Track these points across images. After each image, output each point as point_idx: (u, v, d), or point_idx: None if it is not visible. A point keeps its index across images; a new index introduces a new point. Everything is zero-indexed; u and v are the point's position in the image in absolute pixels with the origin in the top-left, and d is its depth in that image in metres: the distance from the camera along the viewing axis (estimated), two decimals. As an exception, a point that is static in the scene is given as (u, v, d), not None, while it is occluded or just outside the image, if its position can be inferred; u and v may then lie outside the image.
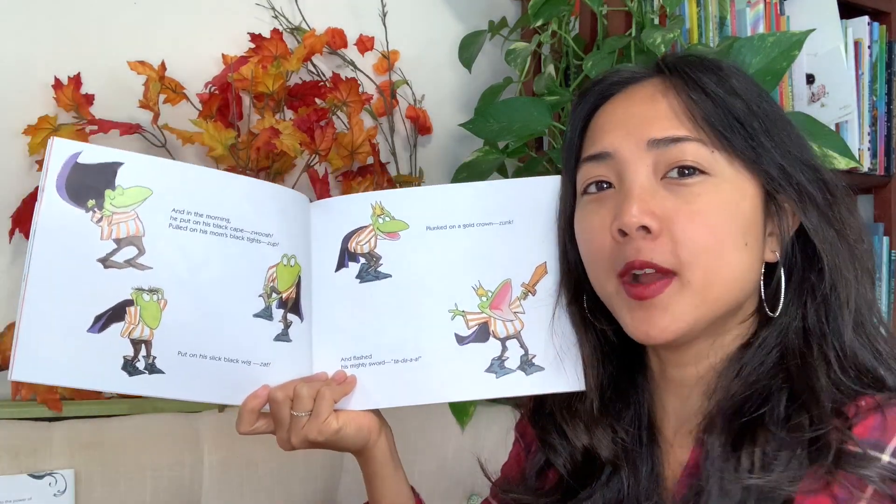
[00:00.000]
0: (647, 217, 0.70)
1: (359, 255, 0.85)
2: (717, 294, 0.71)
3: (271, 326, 0.82)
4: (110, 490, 1.18)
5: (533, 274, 0.84)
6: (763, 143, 0.71)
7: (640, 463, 0.77)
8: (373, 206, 0.85)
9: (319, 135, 1.35)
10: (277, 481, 1.28)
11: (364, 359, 0.84)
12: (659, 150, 0.71)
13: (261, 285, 0.82)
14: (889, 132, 1.79)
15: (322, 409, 0.80)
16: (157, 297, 0.78)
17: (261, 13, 1.48)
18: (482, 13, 1.67)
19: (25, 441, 1.16)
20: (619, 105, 0.76)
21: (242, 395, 0.82)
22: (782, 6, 1.66)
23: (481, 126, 1.43)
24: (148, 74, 1.29)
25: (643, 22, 1.38)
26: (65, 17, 1.33)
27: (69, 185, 0.76)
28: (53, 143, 0.76)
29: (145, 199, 0.79)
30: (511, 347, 0.83)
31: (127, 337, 0.77)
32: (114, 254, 0.77)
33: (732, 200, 0.71)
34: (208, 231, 0.80)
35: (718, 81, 0.73)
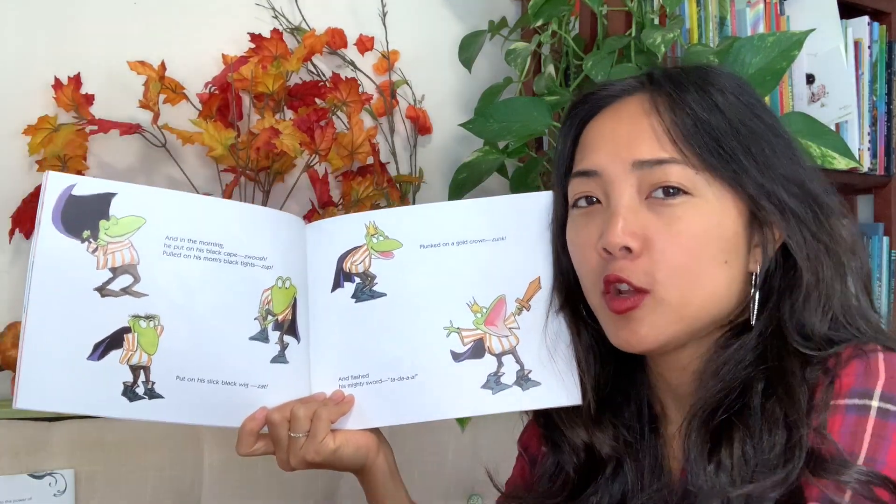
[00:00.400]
0: (629, 238, 0.72)
1: (354, 274, 0.86)
2: (694, 311, 0.73)
3: (268, 349, 0.83)
4: (110, 490, 1.18)
5: (527, 289, 0.85)
6: (742, 163, 0.72)
7: (643, 456, 0.79)
8: (366, 226, 0.86)
9: (319, 135, 1.35)
10: (277, 481, 1.28)
11: (361, 378, 0.85)
12: (643, 171, 0.73)
13: (256, 308, 0.83)
14: (889, 132, 1.79)
15: (319, 430, 0.81)
16: (153, 323, 0.80)
17: (261, 13, 1.48)
18: (482, 13, 1.67)
19: (25, 441, 1.16)
20: (606, 122, 0.78)
21: (241, 418, 0.83)
22: (782, 6, 1.66)
23: (481, 126, 1.43)
24: (148, 74, 1.29)
25: (643, 22, 1.38)
26: (65, 17, 1.33)
27: (65, 216, 0.78)
28: (48, 177, 0.78)
29: (139, 228, 0.80)
30: (507, 363, 0.84)
31: (126, 363, 0.79)
32: (110, 282, 0.79)
33: (714, 221, 0.73)
34: (202, 257, 0.81)
35: (701, 98, 0.74)
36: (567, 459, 0.81)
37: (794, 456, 0.65)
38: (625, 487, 0.78)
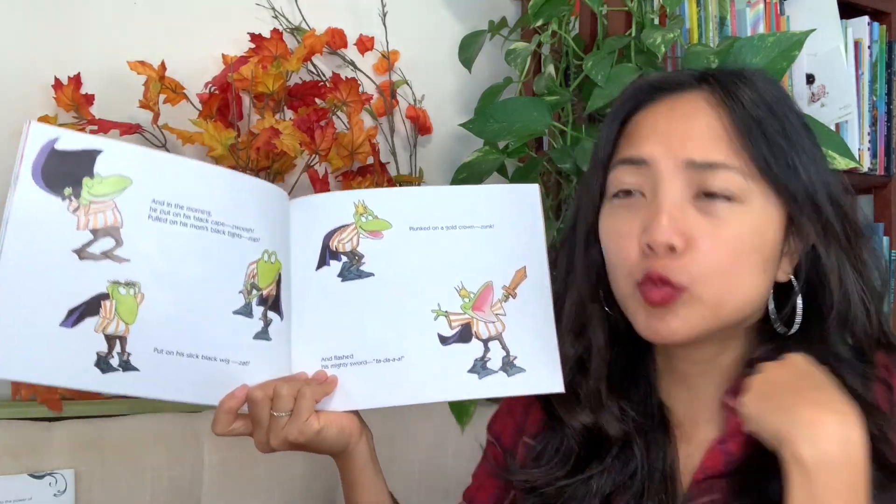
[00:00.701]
0: (675, 236, 0.72)
1: (341, 253, 0.84)
2: (728, 312, 0.74)
3: (251, 324, 0.80)
4: (110, 490, 1.18)
5: (513, 277, 0.85)
6: (797, 170, 0.73)
7: (651, 437, 0.79)
8: (356, 204, 0.85)
9: (319, 135, 1.35)
10: (277, 481, 1.28)
11: (345, 359, 0.83)
12: (695, 172, 0.73)
13: (241, 281, 0.80)
14: (889, 132, 1.79)
15: (303, 409, 0.79)
16: (133, 290, 0.75)
17: (261, 13, 1.48)
18: (482, 13, 1.67)
19: (25, 441, 1.16)
20: (661, 114, 0.77)
21: (219, 395, 0.79)
22: (782, 6, 1.66)
23: (481, 126, 1.43)
24: (148, 74, 1.29)
25: (643, 22, 1.38)
26: (65, 17, 1.33)
27: (45, 171, 0.73)
28: (30, 128, 0.73)
29: (124, 189, 0.76)
30: (493, 348, 0.83)
31: (101, 332, 0.74)
32: (90, 244, 0.74)
33: (759, 230, 0.73)
34: (188, 224, 0.78)
35: (757, 100, 0.74)
36: (572, 437, 0.82)
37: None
38: (633, 466, 0.78)
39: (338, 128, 1.44)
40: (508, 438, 0.90)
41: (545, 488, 0.81)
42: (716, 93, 0.76)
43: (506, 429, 0.90)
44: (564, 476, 0.80)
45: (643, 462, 0.78)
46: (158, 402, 1.31)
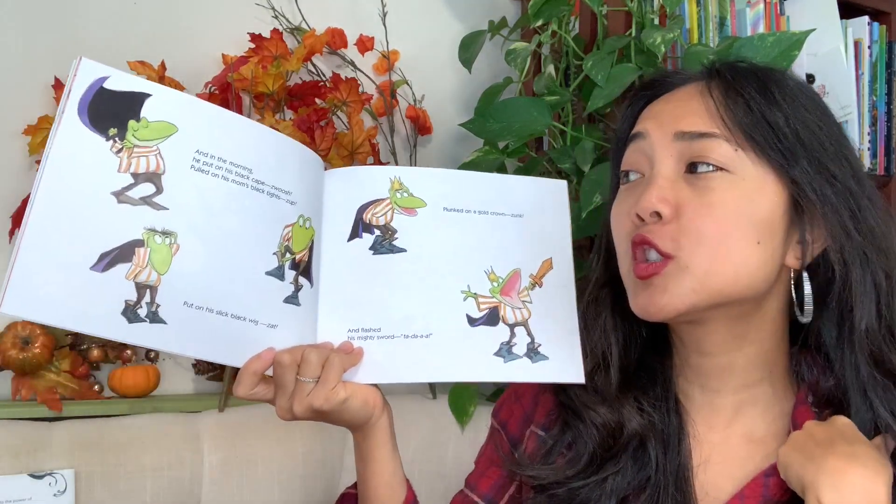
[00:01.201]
0: (660, 203, 0.73)
1: (374, 226, 0.83)
2: (718, 283, 0.73)
3: (282, 287, 0.79)
4: (110, 490, 1.18)
5: (540, 267, 0.86)
6: (795, 153, 0.74)
7: (667, 437, 0.79)
8: (391, 179, 0.85)
9: (319, 135, 1.35)
10: (277, 481, 1.28)
11: (373, 332, 0.82)
12: (684, 143, 0.75)
13: (276, 243, 0.78)
14: (889, 132, 1.79)
15: (331, 377, 0.77)
16: (169, 240, 0.73)
17: (261, 13, 1.48)
18: (482, 13, 1.67)
19: (25, 441, 1.16)
20: (662, 100, 0.80)
21: (245, 356, 0.77)
22: (782, 6, 1.66)
23: (481, 126, 1.43)
24: (148, 74, 1.29)
25: (643, 22, 1.38)
26: (65, 17, 1.33)
27: (92, 109, 0.71)
28: (80, 63, 0.72)
29: (170, 136, 0.74)
30: (519, 334, 0.83)
31: (132, 280, 0.71)
32: (129, 188, 0.72)
33: (748, 197, 0.73)
34: (230, 179, 0.76)
35: (760, 89, 0.76)
36: (587, 433, 0.81)
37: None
38: (649, 466, 0.78)
39: (338, 128, 1.44)
40: (516, 426, 0.89)
41: (556, 488, 0.80)
42: (717, 80, 0.77)
43: (513, 416, 0.90)
44: (576, 476, 0.80)
45: (658, 463, 0.78)
46: (158, 402, 1.32)
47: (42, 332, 1.27)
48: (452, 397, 1.43)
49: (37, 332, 1.27)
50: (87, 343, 1.34)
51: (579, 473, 0.80)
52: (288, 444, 1.29)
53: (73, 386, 1.30)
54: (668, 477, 0.77)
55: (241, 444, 1.27)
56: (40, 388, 1.27)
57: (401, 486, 0.86)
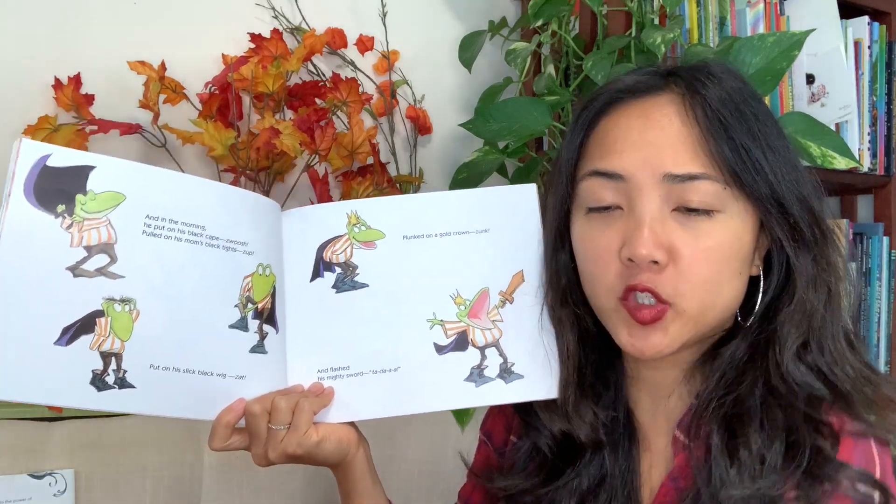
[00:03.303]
0: (657, 250, 0.71)
1: (334, 264, 0.84)
2: (709, 319, 0.75)
3: (247, 338, 0.80)
4: (110, 490, 1.18)
5: (510, 282, 0.85)
6: (764, 173, 0.73)
7: (618, 443, 0.80)
8: (348, 215, 0.85)
9: (319, 135, 1.35)
10: (277, 482, 1.28)
11: (342, 370, 0.83)
12: (673, 185, 0.72)
13: (236, 295, 0.80)
14: (889, 132, 1.79)
15: (301, 422, 0.79)
16: (129, 307, 0.75)
17: (261, 13, 1.48)
18: (482, 13, 1.67)
19: (25, 441, 1.16)
20: (633, 121, 0.75)
21: (216, 410, 0.79)
22: (782, 6, 1.66)
23: (481, 126, 1.43)
24: (148, 74, 1.29)
25: (643, 22, 1.38)
26: (65, 17, 1.33)
27: (38, 188, 0.72)
28: (21, 145, 0.73)
29: (118, 205, 0.75)
30: (490, 356, 0.83)
31: (97, 350, 0.73)
32: (84, 262, 0.74)
33: (737, 237, 0.73)
34: (183, 238, 0.78)
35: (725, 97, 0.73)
36: (545, 444, 0.82)
37: (798, 456, 0.67)
38: (603, 471, 0.79)
39: (338, 128, 1.44)
40: (499, 437, 0.90)
41: (522, 496, 0.81)
42: (683, 95, 0.74)
43: (496, 427, 0.91)
44: (541, 484, 0.81)
45: (612, 469, 0.79)
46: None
47: (42, 332, 1.27)
48: (452, 397, 1.43)
49: (37, 332, 1.27)
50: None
51: (544, 481, 0.81)
52: (288, 444, 1.29)
53: (73, 386, 1.30)
54: (619, 484, 0.78)
55: (241, 444, 1.27)
56: (40, 388, 1.27)
57: None
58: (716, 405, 0.73)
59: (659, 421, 0.80)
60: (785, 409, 0.70)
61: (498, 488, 0.84)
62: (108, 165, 0.76)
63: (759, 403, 0.71)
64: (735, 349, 0.75)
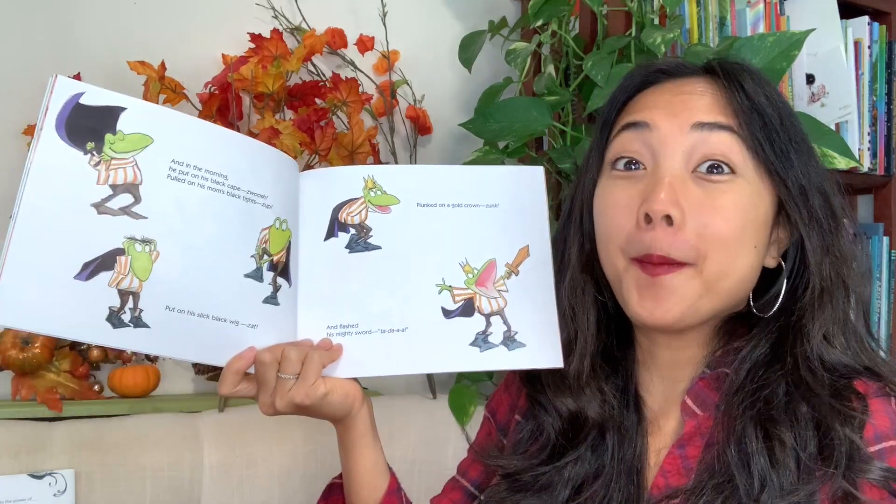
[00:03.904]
0: (673, 207, 0.72)
1: (349, 225, 0.86)
2: (725, 288, 0.74)
3: (261, 288, 0.81)
4: (110, 490, 1.18)
5: (516, 255, 0.87)
6: (790, 158, 0.74)
7: (625, 426, 0.80)
8: (365, 179, 0.87)
9: (319, 135, 1.35)
10: (277, 481, 1.28)
11: (350, 327, 0.84)
12: (701, 134, 0.74)
13: (253, 246, 0.81)
14: (889, 132, 1.79)
15: (310, 373, 0.80)
16: (149, 248, 0.76)
17: (261, 13, 1.48)
18: (482, 13, 1.67)
19: (25, 441, 1.16)
20: (666, 90, 0.79)
21: (227, 356, 0.80)
22: (782, 6, 1.66)
23: (481, 126, 1.43)
24: (148, 74, 1.29)
25: (643, 22, 1.38)
26: (65, 17, 1.33)
27: (69, 124, 0.73)
28: (56, 81, 0.74)
29: (145, 147, 0.77)
30: (495, 323, 0.85)
31: (115, 287, 0.74)
32: (109, 200, 0.74)
33: (752, 203, 0.74)
34: (206, 186, 0.79)
35: (756, 89, 0.76)
36: (550, 423, 0.83)
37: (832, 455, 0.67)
38: (606, 455, 0.79)
39: (338, 128, 1.44)
40: (503, 415, 0.92)
41: (521, 475, 0.82)
42: (719, 80, 0.77)
43: (501, 405, 0.92)
44: (540, 464, 0.81)
45: (614, 452, 0.79)
46: (158, 402, 1.32)
47: (42, 332, 1.27)
48: (452, 397, 1.43)
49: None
50: (87, 343, 1.34)
51: (543, 461, 0.81)
52: (288, 444, 1.29)
53: (73, 386, 1.30)
54: (621, 467, 0.78)
55: (241, 444, 1.27)
56: (40, 388, 1.27)
57: (383, 475, 0.89)
58: (747, 403, 0.73)
59: (669, 405, 0.80)
60: (815, 403, 0.70)
61: (496, 466, 0.85)
62: (139, 108, 0.77)
63: (788, 400, 0.72)
64: (757, 342, 0.76)
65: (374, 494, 0.88)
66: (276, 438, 1.29)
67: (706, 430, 0.75)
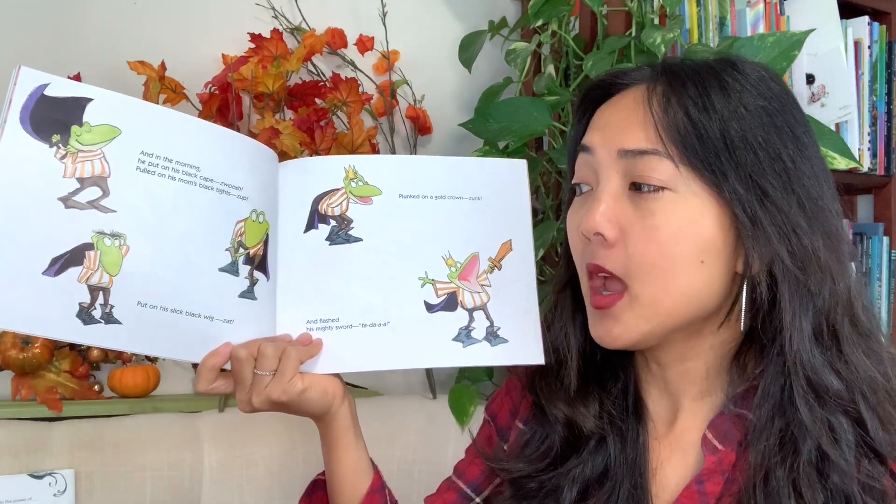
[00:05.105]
0: (604, 225, 0.72)
1: (329, 217, 0.84)
2: (667, 309, 0.73)
3: (237, 282, 0.79)
4: (110, 490, 1.18)
5: (499, 249, 0.86)
6: (722, 167, 0.71)
7: (626, 433, 0.79)
8: (346, 169, 0.85)
9: (319, 135, 1.35)
10: (277, 481, 1.28)
11: (331, 322, 0.82)
12: (628, 161, 0.73)
13: (228, 239, 0.79)
14: (889, 132, 1.79)
15: (287, 369, 0.78)
16: (118, 242, 0.74)
17: (261, 13, 1.48)
18: (482, 13, 1.67)
19: (25, 441, 1.16)
20: (608, 107, 0.78)
21: (202, 353, 0.78)
22: (782, 6, 1.66)
23: (481, 126, 1.43)
24: (148, 74, 1.29)
25: (643, 22, 1.38)
26: (65, 17, 1.33)
27: (34, 117, 0.72)
28: (20, 72, 0.72)
29: (113, 139, 0.74)
30: (478, 318, 0.84)
31: (84, 283, 0.72)
32: (76, 193, 0.73)
33: (690, 218, 0.71)
34: (177, 178, 0.77)
35: (698, 96, 0.72)
36: (552, 429, 0.82)
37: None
38: (608, 461, 0.78)
39: (338, 128, 1.44)
40: (504, 419, 0.91)
41: (527, 482, 0.81)
42: (658, 85, 0.74)
43: (502, 409, 0.91)
44: (545, 469, 0.81)
45: (617, 458, 0.78)
46: (159, 402, 1.32)
47: (42, 332, 1.27)
48: (452, 397, 1.43)
49: (37, 332, 1.27)
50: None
51: (548, 467, 0.81)
52: (288, 444, 1.29)
53: (73, 386, 1.30)
54: (624, 473, 0.77)
55: (241, 444, 1.27)
56: (40, 388, 1.27)
57: (366, 472, 0.88)
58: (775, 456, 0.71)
59: (671, 415, 0.80)
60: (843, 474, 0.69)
61: (501, 470, 0.84)
62: (106, 98, 0.75)
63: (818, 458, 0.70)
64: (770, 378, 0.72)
65: (355, 493, 0.87)
66: (276, 438, 1.29)
67: (727, 466, 0.73)
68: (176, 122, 0.78)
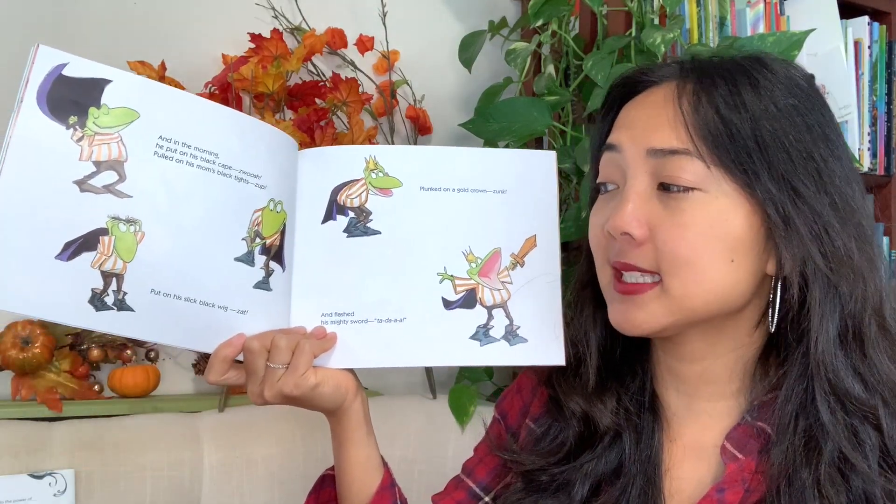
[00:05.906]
0: (632, 224, 0.72)
1: (348, 208, 0.82)
2: (693, 304, 0.72)
3: (252, 273, 0.78)
4: (110, 490, 1.18)
5: (522, 245, 0.84)
6: (754, 166, 0.70)
7: (642, 430, 0.78)
8: (366, 159, 0.82)
9: (319, 135, 1.35)
10: (277, 481, 1.28)
11: (346, 316, 0.81)
12: (657, 160, 0.72)
13: (245, 228, 0.77)
14: (889, 132, 1.79)
15: (300, 363, 0.77)
16: (134, 228, 0.72)
17: (261, 13, 1.48)
18: (482, 13, 1.67)
19: (25, 441, 1.16)
20: (635, 105, 0.77)
21: (215, 343, 0.77)
22: (782, 6, 1.66)
23: (481, 126, 1.43)
24: (148, 74, 1.29)
25: (643, 22, 1.38)
26: (65, 17, 1.33)
27: (51, 97, 0.70)
28: (38, 50, 0.71)
29: (131, 122, 0.73)
30: (497, 316, 0.82)
31: (98, 268, 0.71)
32: (92, 177, 0.71)
33: (720, 218, 0.71)
34: (195, 164, 0.75)
35: (729, 94, 0.72)
36: (567, 424, 0.81)
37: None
38: (621, 457, 0.78)
39: (338, 128, 1.44)
40: (514, 418, 0.90)
41: (539, 475, 0.81)
42: (688, 82, 0.74)
43: (513, 408, 0.90)
44: (557, 463, 0.80)
45: (631, 454, 0.78)
46: (159, 402, 1.32)
47: (42, 332, 1.28)
48: (452, 397, 1.43)
49: (37, 332, 1.27)
50: (87, 343, 1.34)
51: (561, 461, 0.80)
52: (288, 444, 1.29)
53: (73, 386, 1.30)
54: (638, 470, 0.77)
55: (241, 444, 1.27)
56: (40, 388, 1.27)
57: (377, 469, 0.86)
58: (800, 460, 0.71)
59: (688, 414, 0.79)
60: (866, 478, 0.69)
61: (513, 462, 0.83)
62: (126, 81, 0.74)
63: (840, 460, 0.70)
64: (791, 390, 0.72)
65: (366, 489, 0.85)
66: (276, 438, 1.29)
67: (748, 474, 0.73)
68: (196, 107, 0.76)
